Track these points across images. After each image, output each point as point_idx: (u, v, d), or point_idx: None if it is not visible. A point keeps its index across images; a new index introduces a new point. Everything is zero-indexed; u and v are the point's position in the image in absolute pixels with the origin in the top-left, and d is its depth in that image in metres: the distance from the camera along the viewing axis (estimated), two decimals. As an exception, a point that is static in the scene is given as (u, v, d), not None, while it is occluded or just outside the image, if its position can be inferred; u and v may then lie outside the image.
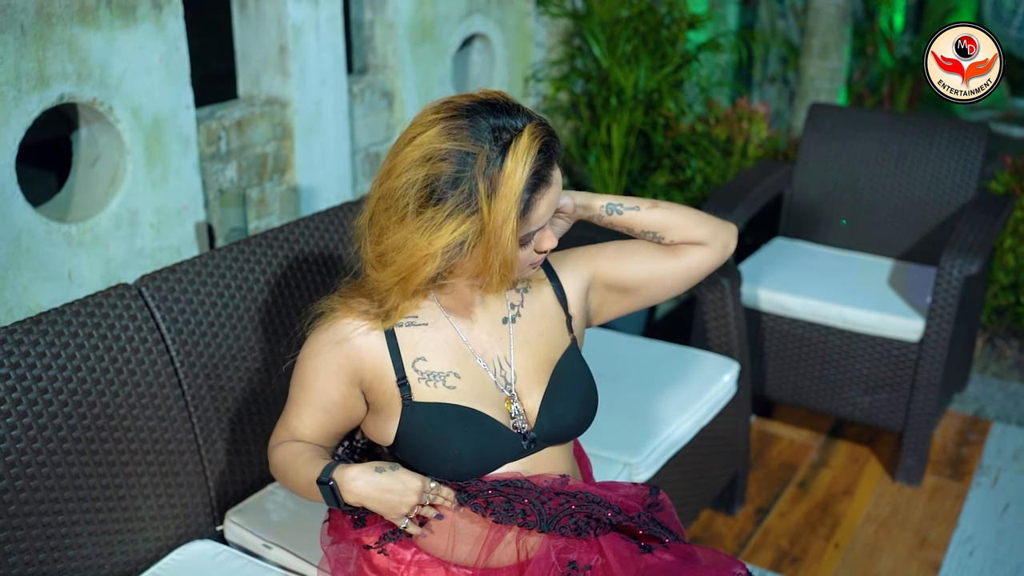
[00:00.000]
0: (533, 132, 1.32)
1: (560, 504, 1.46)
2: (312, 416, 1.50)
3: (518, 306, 1.54)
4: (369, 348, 1.44)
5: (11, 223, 1.98)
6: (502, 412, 1.47)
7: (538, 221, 1.35)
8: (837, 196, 3.27)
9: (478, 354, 1.48)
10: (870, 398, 2.85)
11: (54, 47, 1.98)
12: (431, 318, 1.48)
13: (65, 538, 1.68)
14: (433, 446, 1.43)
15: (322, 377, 1.46)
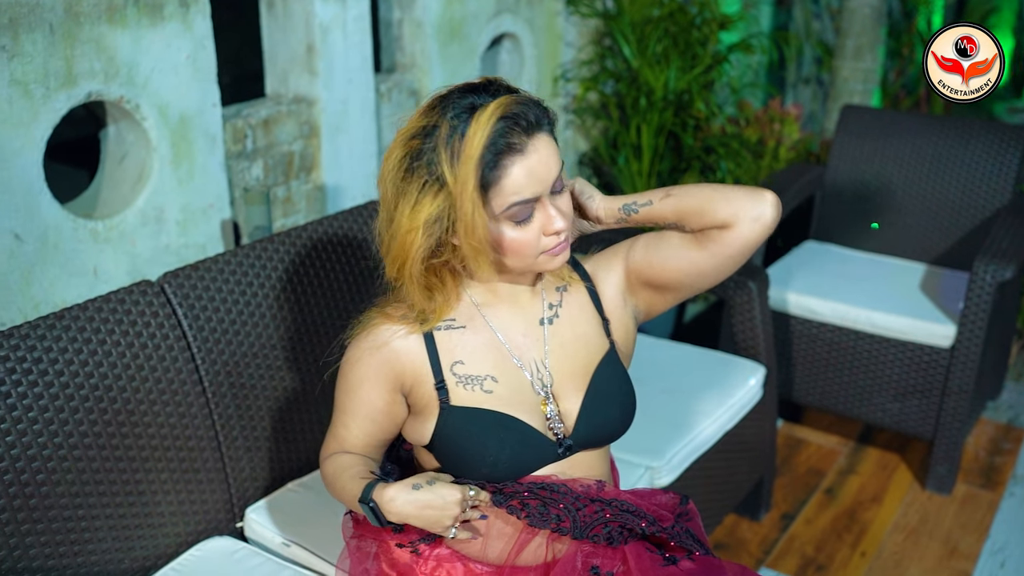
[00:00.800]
0: (501, 101, 1.30)
1: (595, 512, 1.45)
2: (359, 426, 1.50)
3: (556, 306, 1.51)
4: (408, 351, 1.43)
5: (39, 219, 2.00)
6: (538, 415, 1.46)
7: (516, 191, 1.31)
8: (869, 199, 3.22)
9: (515, 355, 1.47)
10: (900, 404, 2.81)
11: (82, 45, 1.99)
12: (468, 320, 1.47)
13: (85, 532, 1.69)
14: (469, 450, 1.42)
15: (366, 385, 1.46)
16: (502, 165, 1.30)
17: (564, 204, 1.37)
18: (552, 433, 1.46)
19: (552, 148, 1.34)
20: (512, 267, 1.40)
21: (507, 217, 1.33)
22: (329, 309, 2.08)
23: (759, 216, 1.40)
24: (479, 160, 1.28)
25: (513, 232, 1.34)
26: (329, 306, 2.08)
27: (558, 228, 1.34)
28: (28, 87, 1.93)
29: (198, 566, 1.81)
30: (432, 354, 1.44)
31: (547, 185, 1.33)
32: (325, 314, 2.07)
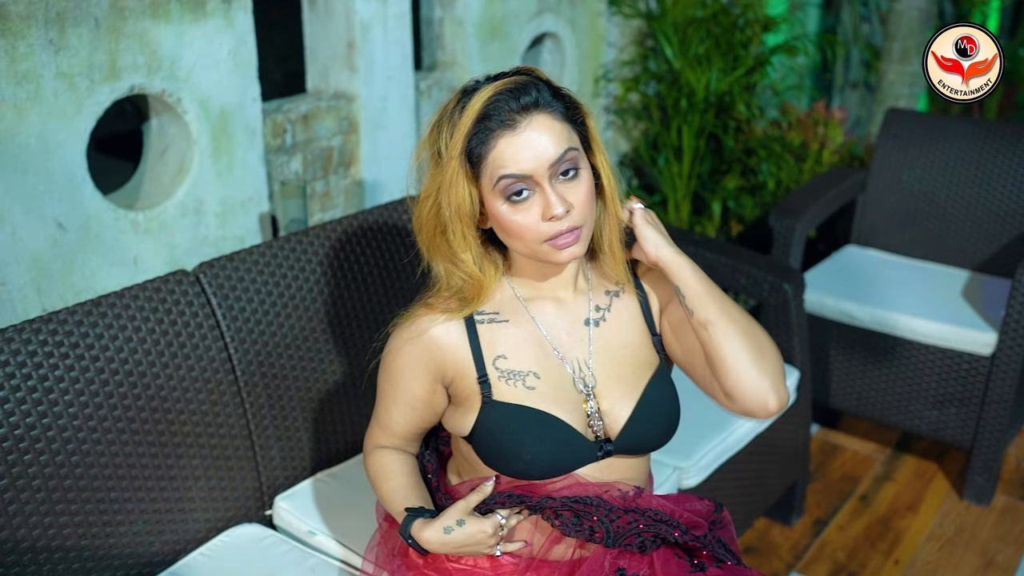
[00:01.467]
0: (505, 81, 1.32)
1: (628, 523, 1.44)
2: (401, 413, 1.52)
3: (604, 310, 1.50)
4: (450, 343, 1.44)
5: (81, 209, 2.05)
6: (579, 413, 1.45)
7: (502, 164, 1.31)
8: (912, 204, 3.18)
9: (559, 350, 1.46)
10: (938, 412, 2.77)
11: (126, 40, 2.04)
12: (512, 314, 1.46)
13: (117, 514, 1.73)
14: (508, 445, 1.43)
15: (407, 374, 1.47)
16: (491, 139, 1.31)
17: (572, 192, 1.34)
18: (592, 432, 1.46)
19: (552, 129, 1.32)
20: (521, 252, 1.39)
21: (499, 192, 1.33)
22: (363, 303, 2.10)
23: (752, 412, 1.40)
24: (468, 131, 1.32)
25: (511, 212, 1.33)
26: (363, 300, 2.10)
27: (555, 214, 1.31)
28: (73, 80, 1.98)
29: (226, 552, 1.84)
30: (475, 347, 1.44)
31: (541, 164, 1.31)
32: (358, 308, 2.09)
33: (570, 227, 1.33)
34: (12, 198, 1.93)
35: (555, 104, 1.34)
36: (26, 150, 1.94)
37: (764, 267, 2.51)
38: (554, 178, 1.33)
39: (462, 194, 1.34)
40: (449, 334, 1.43)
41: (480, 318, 1.45)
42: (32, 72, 1.92)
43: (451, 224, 1.37)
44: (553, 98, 1.34)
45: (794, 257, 2.92)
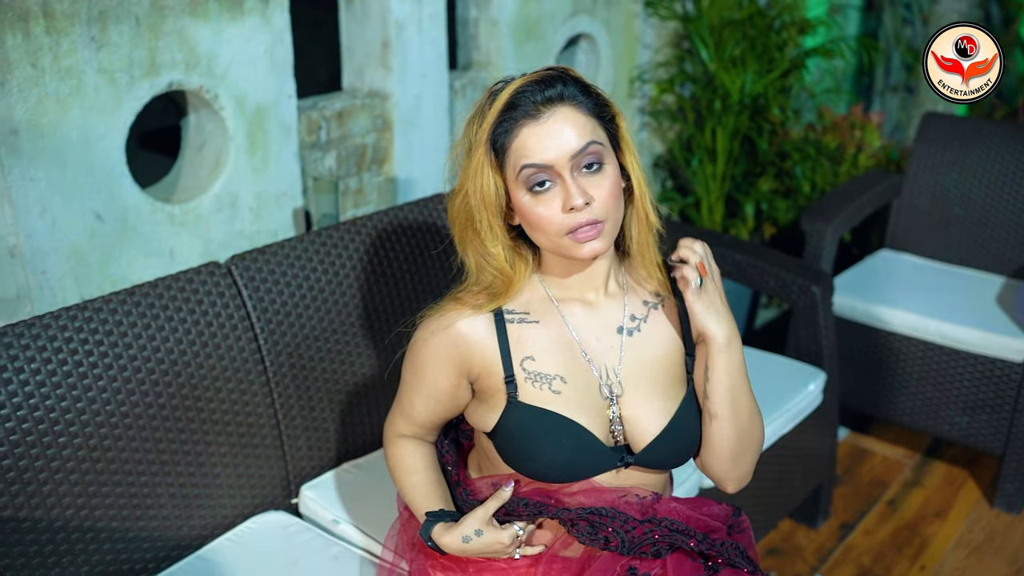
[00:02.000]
0: (532, 75, 1.35)
1: (644, 533, 1.44)
2: (424, 403, 1.54)
3: (640, 320, 1.49)
4: (477, 336, 1.44)
5: (119, 202, 2.10)
6: (602, 419, 1.45)
7: (524, 154, 1.33)
8: (947, 209, 3.15)
9: (588, 354, 1.46)
10: (969, 418, 2.74)
11: (165, 37, 2.09)
12: (543, 314, 1.46)
13: (147, 498, 1.78)
14: (529, 448, 1.44)
15: (432, 366, 1.48)
16: (515, 129, 1.34)
17: (594, 186, 1.34)
18: (612, 438, 1.46)
19: (575, 121, 1.33)
20: (544, 247, 1.40)
21: (523, 182, 1.34)
22: (392, 297, 2.14)
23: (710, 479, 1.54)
24: (494, 121, 1.35)
25: (533, 203, 1.35)
26: (392, 294, 2.14)
27: (574, 205, 1.31)
28: (114, 76, 2.04)
29: (252, 538, 1.89)
30: (503, 346, 1.44)
31: (562, 155, 1.32)
32: (387, 302, 2.13)
33: (590, 220, 1.33)
34: (53, 190, 1.99)
35: (582, 99, 1.36)
36: (67, 143, 2.00)
37: (793, 269, 2.51)
38: (576, 170, 1.34)
39: (487, 183, 1.37)
40: (477, 330, 1.44)
41: (510, 317, 1.45)
42: (75, 68, 1.98)
43: (478, 214, 1.39)
44: (581, 93, 1.36)
45: (825, 260, 2.92)
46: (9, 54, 1.89)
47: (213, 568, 1.80)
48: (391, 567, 1.65)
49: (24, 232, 1.97)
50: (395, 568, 1.64)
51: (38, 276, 2.01)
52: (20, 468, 1.61)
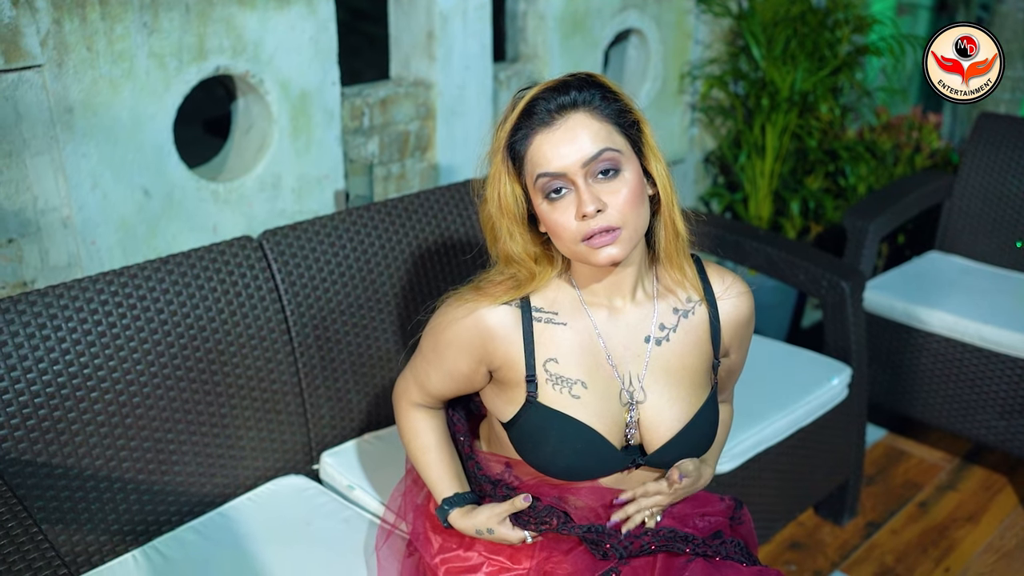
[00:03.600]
0: (548, 82, 1.37)
1: (641, 546, 1.48)
2: (440, 379, 1.57)
3: (669, 330, 1.49)
4: (503, 330, 1.45)
5: (166, 179, 2.23)
6: (619, 426, 1.48)
7: (539, 163, 1.34)
8: (1000, 211, 3.10)
9: (612, 360, 1.47)
10: (1006, 423, 2.70)
11: (213, 24, 2.21)
12: (570, 317, 1.47)
13: (173, 455, 1.89)
14: (542, 446, 1.47)
15: (453, 348, 1.50)
16: (530, 136, 1.35)
17: (609, 193, 1.34)
18: (626, 440, 1.49)
19: (589, 128, 1.34)
20: (565, 253, 1.40)
21: (540, 190, 1.36)
22: (419, 277, 2.22)
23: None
24: (511, 130, 1.37)
25: (550, 211, 1.36)
26: (419, 275, 2.22)
27: (586, 212, 1.32)
28: (164, 60, 2.16)
29: (271, 498, 1.99)
30: (528, 344, 1.45)
31: (575, 162, 1.33)
32: (414, 282, 2.21)
33: (604, 227, 1.33)
34: (104, 165, 2.13)
35: (599, 104, 1.36)
36: (119, 122, 2.13)
37: (824, 265, 2.52)
38: (590, 177, 1.34)
39: (506, 190, 1.39)
40: (504, 323, 1.45)
41: (538, 315, 1.46)
42: (127, 52, 2.11)
43: (498, 220, 1.42)
44: (600, 99, 1.36)
45: (866, 258, 2.90)
46: (67, 38, 2.02)
47: (232, 524, 1.91)
48: (391, 528, 1.73)
49: (76, 204, 2.11)
50: (395, 529, 1.72)
51: (88, 246, 2.15)
52: (55, 419, 1.74)
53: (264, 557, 1.80)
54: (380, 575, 1.67)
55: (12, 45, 1.92)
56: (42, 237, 2.09)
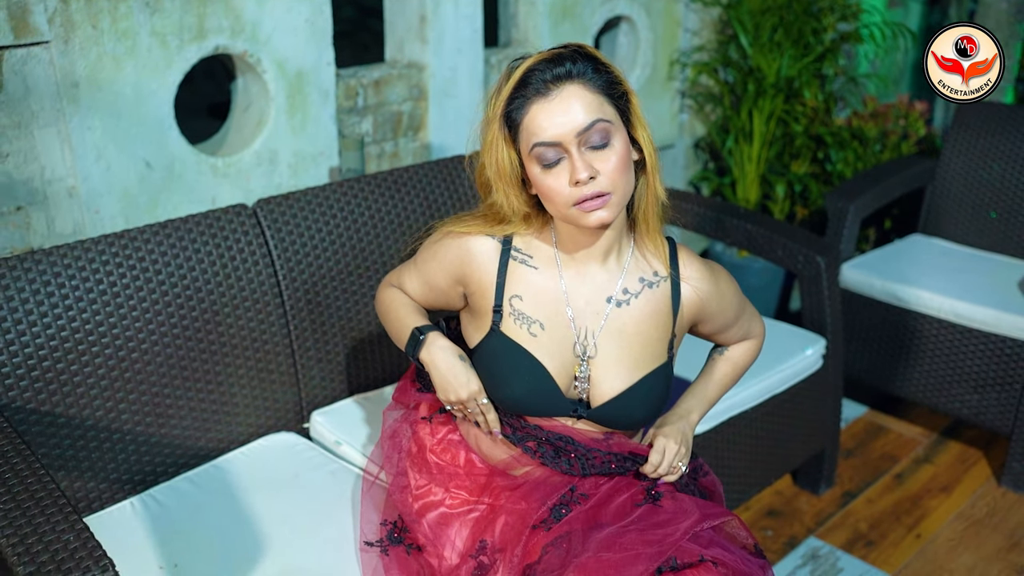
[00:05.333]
0: (544, 53, 1.44)
1: (602, 462, 1.59)
2: (418, 284, 1.72)
3: (631, 295, 1.59)
4: (483, 258, 1.58)
5: (167, 152, 2.34)
6: (568, 373, 1.58)
7: (535, 132, 1.42)
8: (981, 195, 3.19)
9: (572, 312, 1.58)
10: (979, 396, 2.79)
11: (213, 4, 2.31)
12: (543, 264, 1.59)
13: (170, 409, 2.00)
14: (496, 374, 1.59)
15: (436, 260, 1.65)
16: (527, 106, 1.44)
17: (607, 158, 1.43)
18: (576, 392, 1.59)
19: (583, 99, 1.41)
20: (556, 216, 1.51)
21: (535, 157, 1.45)
22: (406, 247, 2.32)
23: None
24: (508, 99, 1.45)
25: (544, 176, 1.45)
26: (406, 244, 2.32)
27: (580, 178, 1.41)
28: (165, 38, 2.27)
29: (263, 453, 2.09)
30: (500, 277, 1.58)
31: (569, 131, 1.41)
32: (402, 250, 2.31)
33: (595, 192, 1.42)
34: (108, 138, 2.23)
35: (592, 76, 1.43)
36: (122, 97, 2.24)
37: (800, 240, 2.61)
38: (583, 146, 1.43)
39: (502, 156, 1.48)
40: (484, 252, 1.59)
41: (516, 255, 1.59)
42: (130, 30, 2.22)
43: (495, 184, 1.51)
44: (592, 71, 1.43)
45: (847, 238, 2.99)
46: (73, 16, 2.13)
47: (225, 475, 2.01)
48: (373, 479, 1.83)
49: (81, 175, 2.22)
50: (376, 480, 1.82)
51: (92, 215, 2.25)
52: (58, 371, 1.85)
53: (255, 506, 1.90)
54: (362, 518, 1.77)
55: (21, 22, 2.03)
56: (49, 205, 2.19)
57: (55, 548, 1.38)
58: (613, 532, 1.47)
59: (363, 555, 1.67)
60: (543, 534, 1.51)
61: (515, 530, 1.55)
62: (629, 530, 1.47)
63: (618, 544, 1.43)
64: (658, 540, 1.43)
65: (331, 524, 1.83)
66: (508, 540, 1.55)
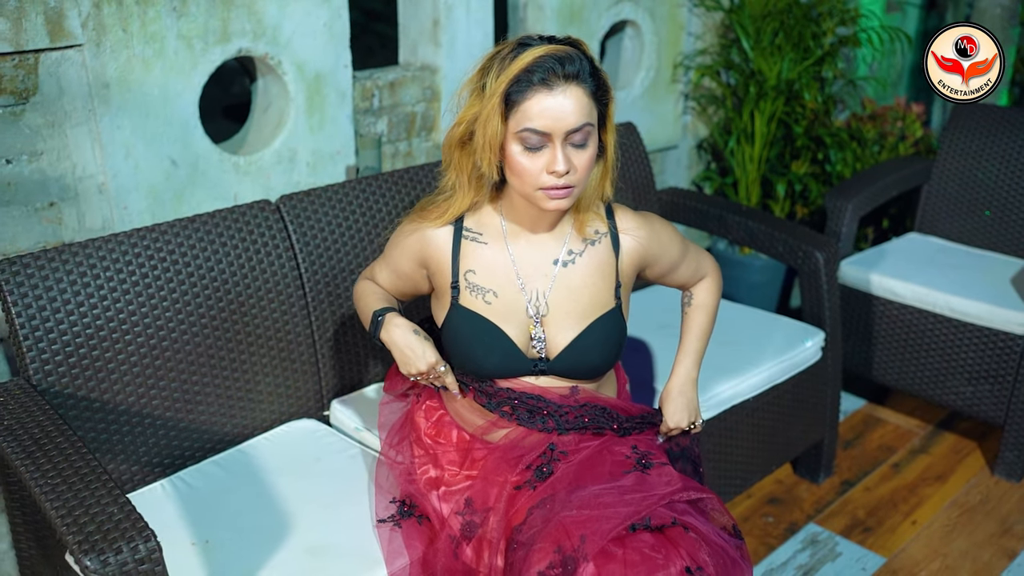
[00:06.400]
0: (557, 47, 1.56)
1: (575, 416, 1.74)
2: (387, 274, 1.90)
3: (576, 254, 1.76)
4: (439, 241, 1.77)
5: (192, 150, 2.43)
6: (525, 333, 1.75)
7: (530, 118, 1.55)
8: (975, 194, 3.28)
9: (521, 280, 1.75)
10: (973, 388, 2.88)
11: (236, 9, 2.41)
12: (492, 240, 1.76)
13: (197, 395, 2.09)
14: (460, 343, 1.76)
15: (398, 250, 1.84)
16: (528, 92, 1.56)
17: (582, 157, 1.60)
18: (534, 350, 1.74)
19: (579, 101, 1.56)
20: (515, 188, 1.65)
21: (519, 139, 1.58)
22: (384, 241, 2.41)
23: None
24: (513, 79, 1.56)
25: (522, 156, 1.59)
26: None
27: (558, 170, 1.57)
28: (191, 41, 2.36)
29: (285, 439, 2.18)
30: (455, 256, 1.76)
31: (560, 127, 1.55)
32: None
33: (565, 184, 1.60)
34: (136, 136, 2.33)
35: (589, 81, 1.57)
36: (150, 98, 2.33)
37: (800, 236, 2.70)
38: (567, 142, 1.58)
39: (495, 128, 1.59)
40: (439, 236, 1.77)
41: (467, 234, 1.76)
42: (158, 34, 2.31)
43: (481, 152, 1.63)
44: (590, 76, 1.58)
45: (845, 235, 3.08)
46: (105, 20, 2.22)
47: (249, 459, 2.10)
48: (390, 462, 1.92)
49: (111, 172, 2.31)
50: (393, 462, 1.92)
51: (121, 210, 2.35)
52: (93, 358, 1.94)
53: (279, 487, 2.00)
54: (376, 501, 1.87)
55: (57, 26, 2.13)
56: (80, 201, 2.29)
57: (100, 519, 1.47)
58: (594, 492, 1.60)
59: (378, 530, 1.80)
60: (528, 494, 1.64)
61: (498, 487, 1.68)
62: (610, 491, 1.60)
63: (597, 503, 1.56)
64: (636, 502, 1.56)
65: (352, 503, 1.92)
66: (492, 497, 1.68)
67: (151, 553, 1.44)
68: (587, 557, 1.45)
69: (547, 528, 1.53)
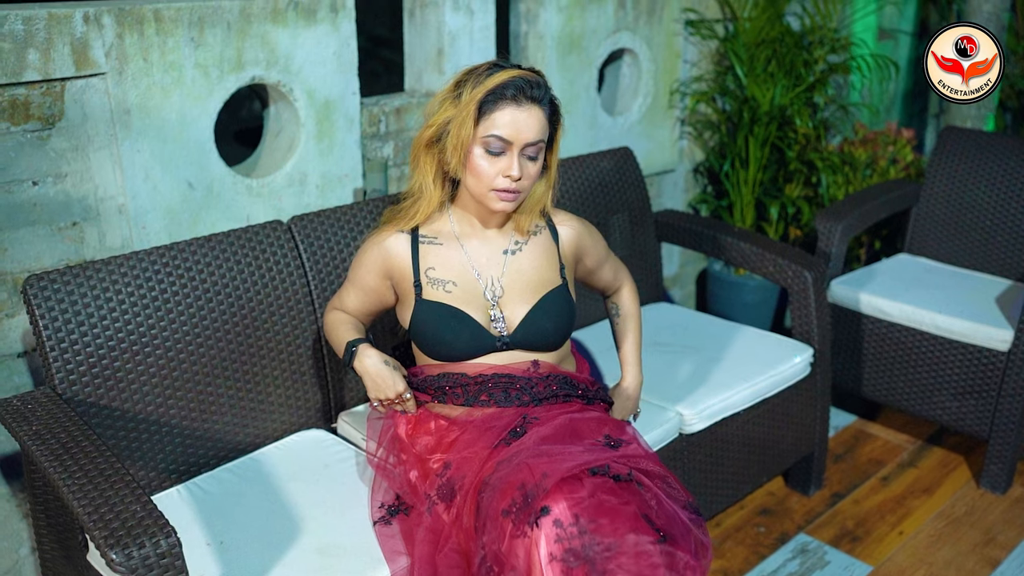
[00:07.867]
0: (528, 75, 1.85)
1: (544, 387, 1.95)
2: (355, 295, 2.11)
3: (521, 243, 2.04)
4: (398, 250, 2.02)
5: (207, 173, 2.55)
6: (485, 315, 1.99)
7: (496, 127, 1.83)
8: (963, 216, 3.39)
9: (476, 269, 2.00)
10: (958, 403, 2.98)
11: (250, 39, 2.54)
12: (447, 240, 2.03)
13: (212, 405, 2.20)
14: (430, 331, 1.99)
15: (363, 268, 2.07)
16: (500, 104, 1.85)
17: (532, 169, 1.90)
18: (495, 330, 1.98)
19: (539, 120, 1.87)
20: (469, 188, 1.91)
21: (484, 143, 1.86)
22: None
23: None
24: (489, 90, 1.84)
25: (483, 159, 1.87)
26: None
27: (513, 175, 1.86)
28: (207, 69, 2.49)
29: (295, 448, 2.29)
30: (415, 259, 2.01)
31: (521, 138, 1.85)
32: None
33: (514, 189, 1.89)
34: (155, 160, 2.45)
35: (548, 107, 1.90)
36: (168, 123, 2.46)
37: (789, 256, 2.81)
38: (523, 153, 1.88)
39: (467, 132, 1.86)
40: (399, 246, 2.02)
41: (423, 239, 2.02)
42: (176, 63, 2.44)
43: (452, 151, 1.89)
44: (549, 103, 1.90)
45: (835, 256, 3.19)
46: (127, 50, 2.35)
47: (261, 467, 2.21)
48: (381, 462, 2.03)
49: (130, 193, 2.43)
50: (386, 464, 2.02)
51: (139, 230, 2.47)
52: (115, 368, 2.05)
53: (290, 492, 2.10)
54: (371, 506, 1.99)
55: (82, 55, 2.25)
56: (100, 221, 2.40)
57: (124, 516, 1.58)
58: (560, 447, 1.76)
59: (376, 530, 1.92)
60: (500, 450, 1.80)
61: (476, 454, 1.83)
62: (576, 448, 1.77)
63: (562, 451, 1.74)
64: (598, 453, 1.75)
65: (359, 507, 2.02)
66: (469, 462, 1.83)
67: (171, 548, 1.54)
68: (547, 490, 1.63)
69: (512, 470, 1.70)
